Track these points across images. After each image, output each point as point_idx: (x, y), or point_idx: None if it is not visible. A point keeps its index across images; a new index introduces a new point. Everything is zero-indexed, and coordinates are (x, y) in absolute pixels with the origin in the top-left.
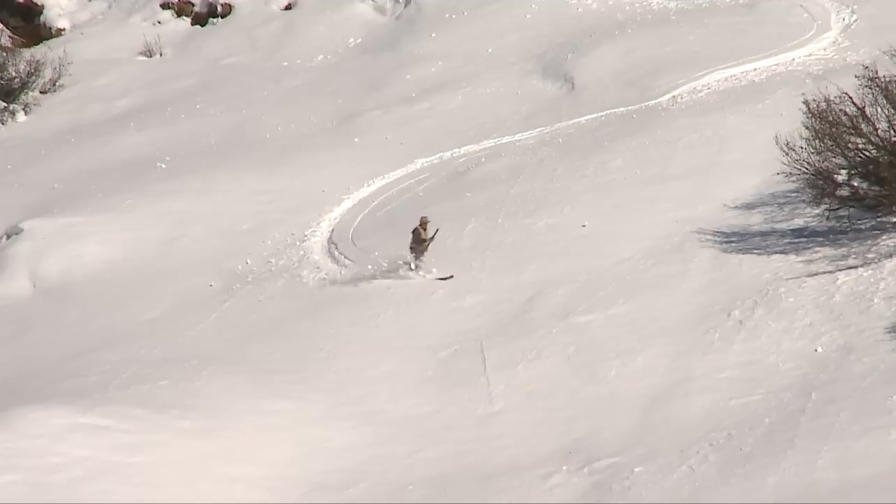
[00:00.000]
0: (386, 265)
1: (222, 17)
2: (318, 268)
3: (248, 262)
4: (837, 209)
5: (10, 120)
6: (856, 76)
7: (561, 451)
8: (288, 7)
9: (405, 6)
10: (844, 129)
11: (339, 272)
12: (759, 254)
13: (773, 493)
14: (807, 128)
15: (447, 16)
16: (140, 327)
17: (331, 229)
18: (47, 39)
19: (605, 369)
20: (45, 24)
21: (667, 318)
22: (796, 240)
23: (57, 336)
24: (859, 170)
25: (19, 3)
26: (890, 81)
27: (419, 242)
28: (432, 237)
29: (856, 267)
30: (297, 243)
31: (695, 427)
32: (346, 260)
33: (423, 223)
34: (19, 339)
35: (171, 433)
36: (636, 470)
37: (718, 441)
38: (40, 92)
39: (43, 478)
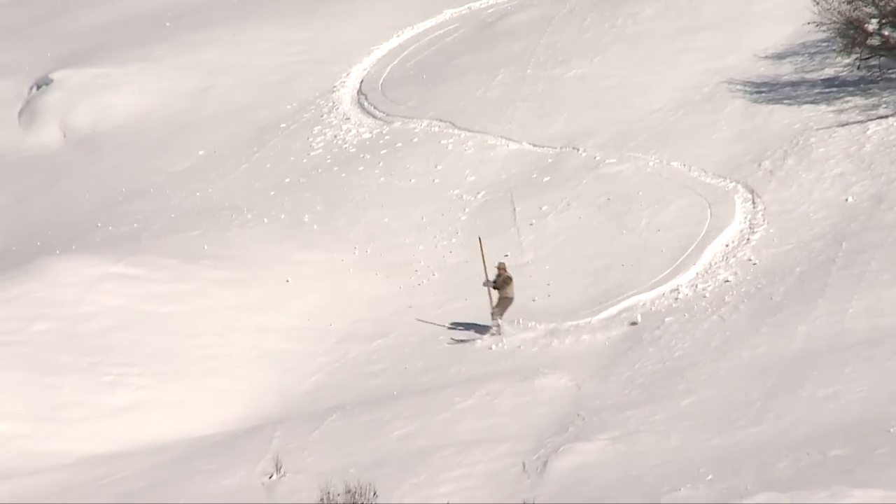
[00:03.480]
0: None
1: None
2: (347, 118)
3: (279, 113)
4: (868, 58)
5: None
6: None
7: (591, 302)
8: None
9: None
10: None
11: (369, 123)
12: (789, 104)
13: (804, 342)
14: None
15: None
16: (171, 178)
17: (360, 80)
18: None
19: (636, 220)
20: None
21: (698, 169)
22: (827, 90)
23: (88, 186)
24: (890, 18)
25: None
26: None
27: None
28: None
29: (886, 116)
30: (327, 94)
31: (726, 275)
32: (376, 111)
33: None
34: (50, 189)
35: (203, 283)
36: (667, 320)
37: (749, 291)
38: None
39: (75, 326)
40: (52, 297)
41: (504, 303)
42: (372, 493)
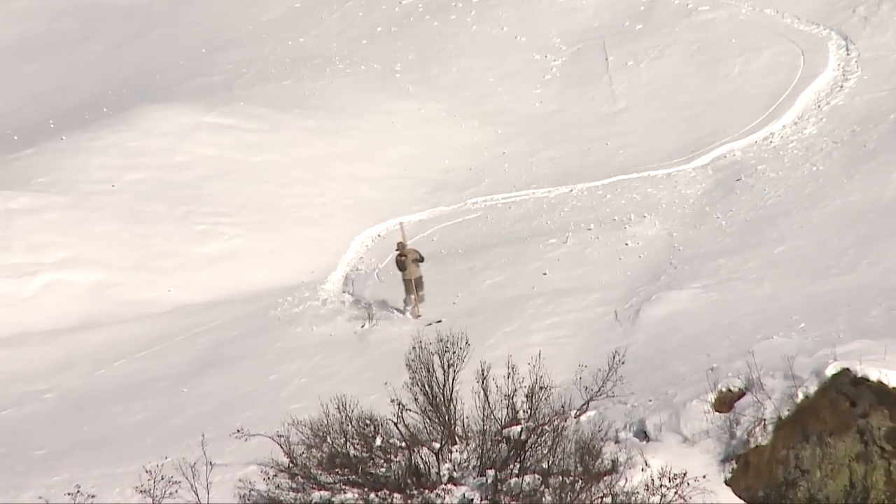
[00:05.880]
0: None
1: None
2: None
3: None
4: None
5: None
6: None
7: (684, 149)
8: None
9: None
10: None
11: None
12: None
13: None
14: None
15: None
16: (262, 27)
17: None
18: None
19: (729, 67)
20: None
21: (791, 16)
22: None
23: (181, 35)
24: None
25: None
26: None
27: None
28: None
29: None
30: None
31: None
32: None
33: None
34: (143, 38)
35: (295, 132)
36: (760, 167)
37: (842, 138)
38: None
39: (169, 175)
40: (146, 146)
41: (408, 285)
42: (464, 342)
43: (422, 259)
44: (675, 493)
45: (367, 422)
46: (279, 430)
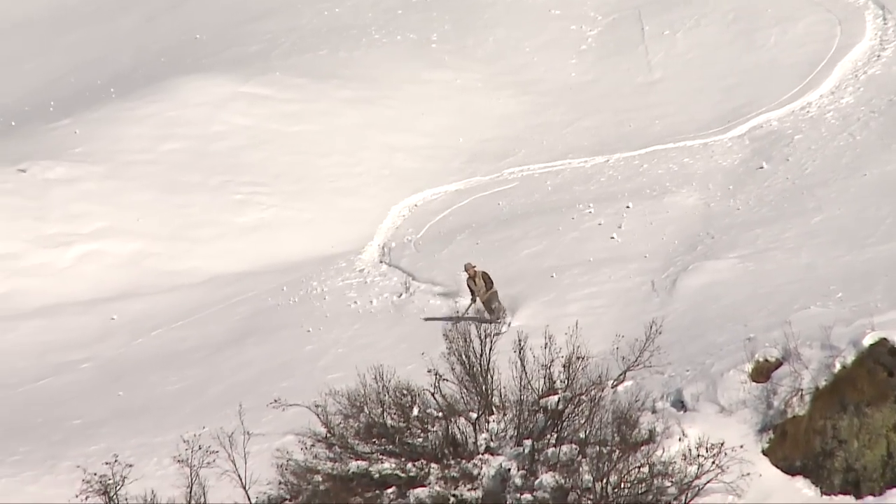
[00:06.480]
0: None
1: None
2: None
3: None
4: None
5: None
6: None
7: (721, 119)
8: None
9: None
10: None
11: None
12: None
13: None
14: None
15: None
16: None
17: None
18: None
19: (765, 36)
20: None
21: None
22: None
23: (217, 6)
24: None
25: None
26: None
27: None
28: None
29: None
30: None
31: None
32: None
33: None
34: (179, 8)
35: (332, 102)
36: (796, 138)
37: (880, 107)
38: None
39: (205, 146)
40: (183, 116)
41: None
42: (501, 312)
43: (491, 283)
44: (713, 462)
45: (405, 392)
46: (316, 400)
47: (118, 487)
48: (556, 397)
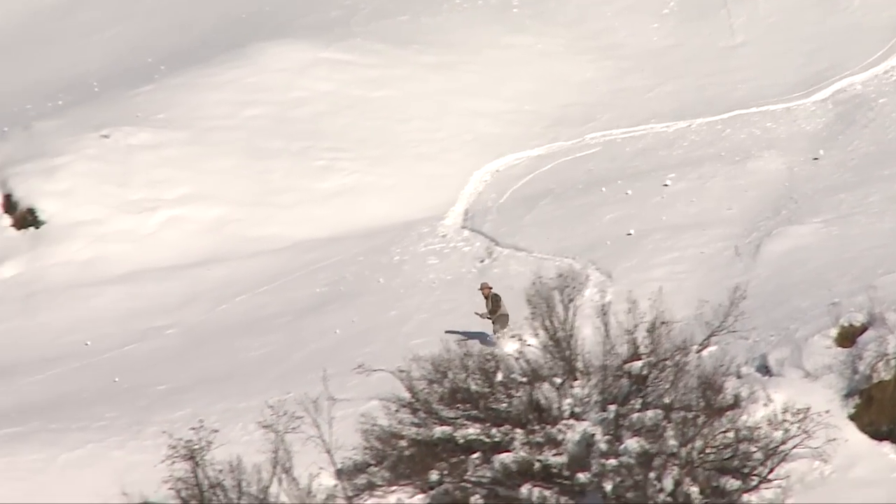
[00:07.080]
0: None
1: None
2: None
3: None
4: None
5: None
6: None
7: (804, 83)
8: None
9: None
10: None
11: None
12: None
13: None
14: None
15: None
16: None
17: None
18: None
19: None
20: None
21: None
22: None
23: None
24: None
25: None
26: None
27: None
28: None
29: None
30: None
31: None
32: None
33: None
34: None
35: (413, 67)
36: (881, 101)
37: None
38: None
39: (286, 112)
40: (264, 82)
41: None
42: (584, 277)
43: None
44: (799, 427)
45: (489, 357)
46: (400, 365)
47: (204, 453)
48: (640, 362)
